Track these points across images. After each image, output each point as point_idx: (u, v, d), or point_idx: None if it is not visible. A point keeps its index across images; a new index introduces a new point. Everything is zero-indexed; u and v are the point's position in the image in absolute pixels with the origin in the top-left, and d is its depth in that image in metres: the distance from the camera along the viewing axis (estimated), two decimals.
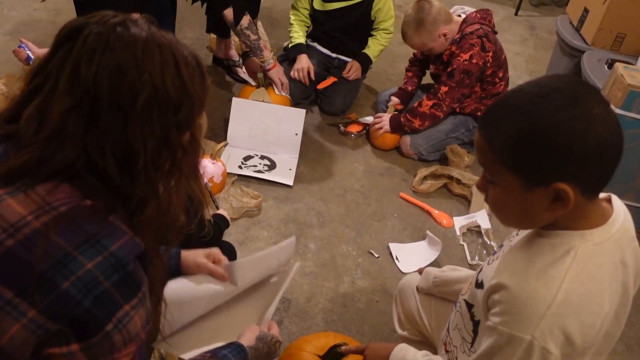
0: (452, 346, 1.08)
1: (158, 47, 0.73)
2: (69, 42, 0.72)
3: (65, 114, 0.69)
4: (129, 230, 0.73)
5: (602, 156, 0.76)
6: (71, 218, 0.68)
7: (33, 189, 0.69)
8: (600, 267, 0.81)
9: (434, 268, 1.33)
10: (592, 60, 2.44)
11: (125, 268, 0.70)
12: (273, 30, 3.26)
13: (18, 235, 0.66)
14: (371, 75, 2.85)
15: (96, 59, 0.70)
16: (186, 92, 0.76)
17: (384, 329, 1.69)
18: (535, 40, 3.78)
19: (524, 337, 0.79)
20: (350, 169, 2.37)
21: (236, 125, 2.33)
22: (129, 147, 0.72)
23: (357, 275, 1.87)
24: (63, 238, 0.67)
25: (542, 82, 0.80)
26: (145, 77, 0.71)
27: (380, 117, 2.47)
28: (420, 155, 2.40)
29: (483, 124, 0.83)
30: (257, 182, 2.19)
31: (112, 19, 0.73)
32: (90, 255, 0.68)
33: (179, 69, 0.75)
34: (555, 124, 0.75)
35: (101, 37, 0.71)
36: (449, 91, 2.26)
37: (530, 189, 0.80)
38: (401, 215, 2.16)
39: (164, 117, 0.74)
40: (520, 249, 0.88)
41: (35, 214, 0.67)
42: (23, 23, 3.00)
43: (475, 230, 2.11)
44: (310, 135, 2.53)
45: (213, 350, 1.03)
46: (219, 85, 2.78)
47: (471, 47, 2.19)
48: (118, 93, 0.70)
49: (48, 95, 0.71)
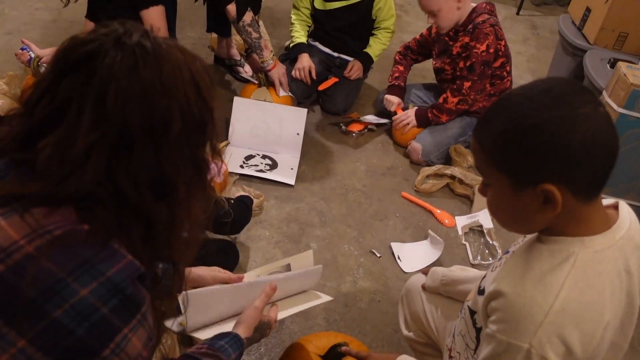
0: (456, 352, 1.08)
1: (178, 68, 0.72)
2: (85, 69, 0.67)
3: (91, 147, 0.66)
4: (128, 253, 0.70)
5: (589, 156, 0.75)
6: (65, 242, 0.64)
7: (29, 212, 0.65)
8: (601, 275, 0.80)
9: (442, 267, 1.32)
10: (594, 60, 2.43)
11: (124, 292, 0.67)
12: (274, 29, 3.25)
13: (8, 261, 0.63)
14: (372, 74, 2.85)
15: (122, 90, 0.67)
16: (207, 107, 0.76)
17: (386, 329, 1.68)
18: (537, 39, 3.77)
19: (522, 345, 0.78)
20: (352, 169, 2.37)
21: (238, 125, 2.33)
22: (162, 174, 0.71)
23: (358, 275, 1.86)
24: (55, 263, 0.63)
25: (533, 84, 0.81)
26: (174, 103, 0.70)
27: (404, 114, 2.45)
28: (430, 162, 2.39)
29: (476, 127, 0.85)
30: (258, 182, 2.19)
31: (128, 39, 0.69)
32: (85, 282, 0.64)
33: (198, 85, 0.74)
34: (538, 123, 0.75)
35: (124, 63, 0.68)
36: (472, 85, 2.26)
37: (520, 190, 0.79)
38: (403, 214, 2.16)
39: (194, 139, 0.74)
40: (521, 255, 0.87)
41: (28, 238, 0.64)
42: (24, 22, 3.00)
43: (478, 230, 2.11)
44: (311, 134, 2.52)
45: (210, 341, 1.00)
46: (221, 85, 2.78)
47: (486, 37, 2.18)
48: (149, 122, 0.69)
49: (71, 126, 0.67)
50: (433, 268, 1.33)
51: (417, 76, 2.94)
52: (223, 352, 0.97)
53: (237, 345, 1.01)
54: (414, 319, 1.36)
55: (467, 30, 2.23)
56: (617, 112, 1.96)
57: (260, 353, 1.57)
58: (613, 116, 1.98)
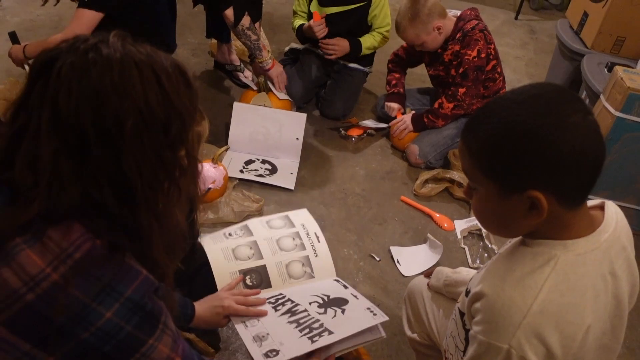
0: (449, 354, 1.08)
1: (136, 66, 0.70)
2: (43, 77, 0.68)
3: (55, 156, 0.67)
4: (141, 267, 0.73)
5: (576, 165, 0.75)
6: (86, 268, 0.68)
7: (47, 235, 0.68)
8: (583, 277, 0.80)
9: (447, 268, 1.33)
10: (592, 64, 2.45)
11: (144, 308, 0.72)
12: (274, 35, 3.27)
13: (37, 289, 0.66)
14: (372, 79, 2.86)
15: (74, 92, 0.66)
16: (173, 108, 0.72)
17: (386, 332, 1.68)
18: (536, 44, 3.79)
19: (502, 346, 0.78)
20: (351, 173, 2.38)
21: (237, 130, 2.34)
22: (125, 177, 0.70)
23: (358, 279, 1.87)
24: (80, 290, 0.67)
25: (523, 89, 0.80)
26: (128, 103, 0.68)
27: (400, 120, 2.47)
28: (428, 164, 2.40)
29: (464, 129, 0.84)
30: (258, 186, 2.20)
31: (83, 45, 0.69)
32: (108, 304, 0.68)
33: (161, 84, 0.71)
34: (527, 130, 0.75)
35: (74, 67, 0.67)
36: (467, 91, 2.28)
37: (507, 195, 0.79)
38: (402, 218, 2.17)
39: (155, 140, 0.71)
40: (505, 257, 0.87)
41: (53, 265, 0.67)
42: (25, 29, 3.02)
43: (477, 234, 2.11)
44: (311, 139, 2.53)
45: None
46: (220, 90, 2.79)
47: (477, 43, 2.21)
48: (103, 124, 0.67)
49: (34, 137, 0.68)
50: (439, 267, 1.34)
51: (415, 80, 2.95)
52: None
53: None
54: (417, 320, 1.36)
55: (457, 39, 2.26)
56: (614, 115, 1.98)
57: None
58: (610, 120, 1.99)
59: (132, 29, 2.19)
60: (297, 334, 1.15)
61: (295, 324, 1.18)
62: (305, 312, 1.21)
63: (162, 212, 0.76)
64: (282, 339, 1.14)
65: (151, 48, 0.75)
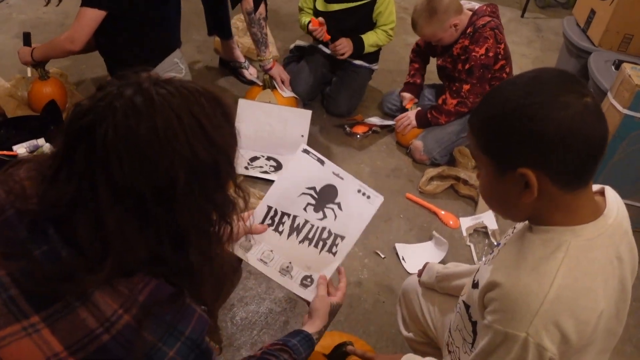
0: (455, 347, 1.09)
1: (175, 115, 0.68)
2: (85, 142, 0.68)
3: (120, 223, 0.68)
4: (197, 306, 0.75)
5: (564, 144, 0.75)
6: (153, 309, 0.70)
7: (117, 281, 0.70)
8: (594, 262, 0.81)
9: (438, 264, 1.33)
10: (599, 62, 2.43)
11: (200, 347, 0.74)
12: (279, 32, 3.26)
13: (112, 330, 0.68)
14: (377, 76, 2.85)
15: (125, 160, 0.66)
16: (218, 149, 0.72)
17: (390, 329, 1.68)
18: (542, 42, 3.77)
19: (519, 334, 0.78)
20: (356, 170, 2.37)
21: (242, 127, 2.26)
22: (180, 228, 0.71)
23: (363, 276, 1.86)
24: (150, 332, 0.70)
25: (524, 73, 0.83)
26: (176, 158, 0.68)
27: (404, 116, 2.47)
28: (433, 160, 2.39)
29: (471, 113, 0.88)
30: (263, 183, 2.20)
31: (118, 102, 0.68)
32: (171, 344, 0.71)
33: (203, 128, 0.70)
34: (516, 108, 0.77)
35: (118, 133, 0.66)
36: (472, 88, 2.26)
37: (503, 174, 0.81)
38: (407, 215, 2.16)
39: (207, 186, 0.73)
40: (513, 245, 0.88)
41: (124, 307, 0.69)
42: (32, 26, 3.02)
43: (482, 231, 2.11)
44: (316, 136, 2.53)
45: (284, 338, 1.06)
46: (226, 87, 2.79)
47: (486, 41, 2.19)
48: (157, 185, 0.68)
49: (93, 206, 0.68)
50: (430, 264, 1.34)
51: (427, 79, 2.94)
52: (294, 352, 1.03)
53: (308, 344, 1.07)
54: (412, 319, 1.36)
55: (467, 34, 2.24)
56: (622, 113, 1.96)
57: None
58: (618, 118, 1.98)
59: (138, 27, 2.20)
60: (315, 252, 1.21)
61: (308, 242, 1.22)
62: (308, 225, 1.24)
63: (214, 252, 0.78)
64: (307, 262, 1.20)
65: (181, 83, 0.73)
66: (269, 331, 1.63)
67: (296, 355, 1.02)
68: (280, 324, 1.66)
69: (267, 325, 1.65)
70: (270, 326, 1.65)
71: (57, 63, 2.48)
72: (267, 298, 1.73)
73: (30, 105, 2.31)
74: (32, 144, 2.00)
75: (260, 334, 1.62)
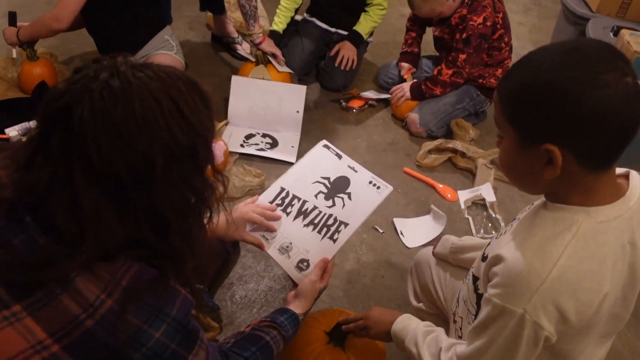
0: (459, 317, 1.10)
1: (154, 99, 0.69)
2: (61, 124, 0.67)
3: (96, 205, 0.68)
4: (180, 287, 0.76)
5: (598, 126, 0.72)
6: (137, 292, 0.71)
7: (97, 266, 0.70)
8: (603, 245, 0.79)
9: (454, 236, 1.34)
10: (597, 28, 2.40)
11: (187, 327, 0.76)
12: (273, 7, 3.20)
13: (96, 315, 0.68)
14: (372, 49, 2.81)
15: (102, 142, 0.66)
16: (196, 132, 0.73)
17: (390, 304, 1.69)
18: (539, 9, 3.71)
19: (516, 310, 0.78)
20: (353, 145, 2.35)
21: (236, 104, 2.31)
22: (159, 211, 0.72)
23: (361, 251, 1.87)
24: (134, 316, 0.70)
25: (563, 42, 0.79)
26: (155, 141, 0.68)
27: (399, 87, 2.44)
28: (430, 132, 2.37)
29: (501, 78, 0.83)
30: (259, 160, 2.18)
31: (94, 84, 0.67)
32: (157, 326, 0.72)
33: (181, 112, 0.71)
34: (553, 80, 0.73)
35: (95, 114, 0.66)
36: (468, 58, 2.23)
37: (526, 146, 0.79)
38: (405, 190, 2.15)
39: (185, 170, 0.73)
40: (526, 221, 0.87)
41: (107, 292, 0.69)
42: (20, 5, 2.96)
43: (480, 204, 2.10)
44: (311, 111, 2.50)
45: (272, 315, 1.09)
46: (219, 64, 2.75)
47: (484, 9, 2.15)
48: (135, 168, 0.68)
49: (70, 189, 0.68)
50: (445, 236, 1.35)
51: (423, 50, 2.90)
52: (282, 328, 1.06)
53: (294, 322, 1.10)
54: (423, 290, 1.37)
55: (466, 3, 2.20)
56: None
57: None
58: None
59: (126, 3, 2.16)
60: (317, 238, 1.24)
61: (312, 226, 1.25)
62: (316, 211, 1.27)
63: (194, 236, 0.78)
64: (307, 246, 1.23)
65: (158, 67, 0.73)
66: (268, 309, 1.64)
67: (284, 332, 1.05)
68: (279, 302, 1.67)
69: (267, 302, 1.66)
70: (270, 304, 1.66)
71: (45, 42, 2.43)
72: (266, 276, 1.73)
73: (21, 87, 2.27)
74: (25, 126, 1.97)
75: (260, 311, 1.63)
